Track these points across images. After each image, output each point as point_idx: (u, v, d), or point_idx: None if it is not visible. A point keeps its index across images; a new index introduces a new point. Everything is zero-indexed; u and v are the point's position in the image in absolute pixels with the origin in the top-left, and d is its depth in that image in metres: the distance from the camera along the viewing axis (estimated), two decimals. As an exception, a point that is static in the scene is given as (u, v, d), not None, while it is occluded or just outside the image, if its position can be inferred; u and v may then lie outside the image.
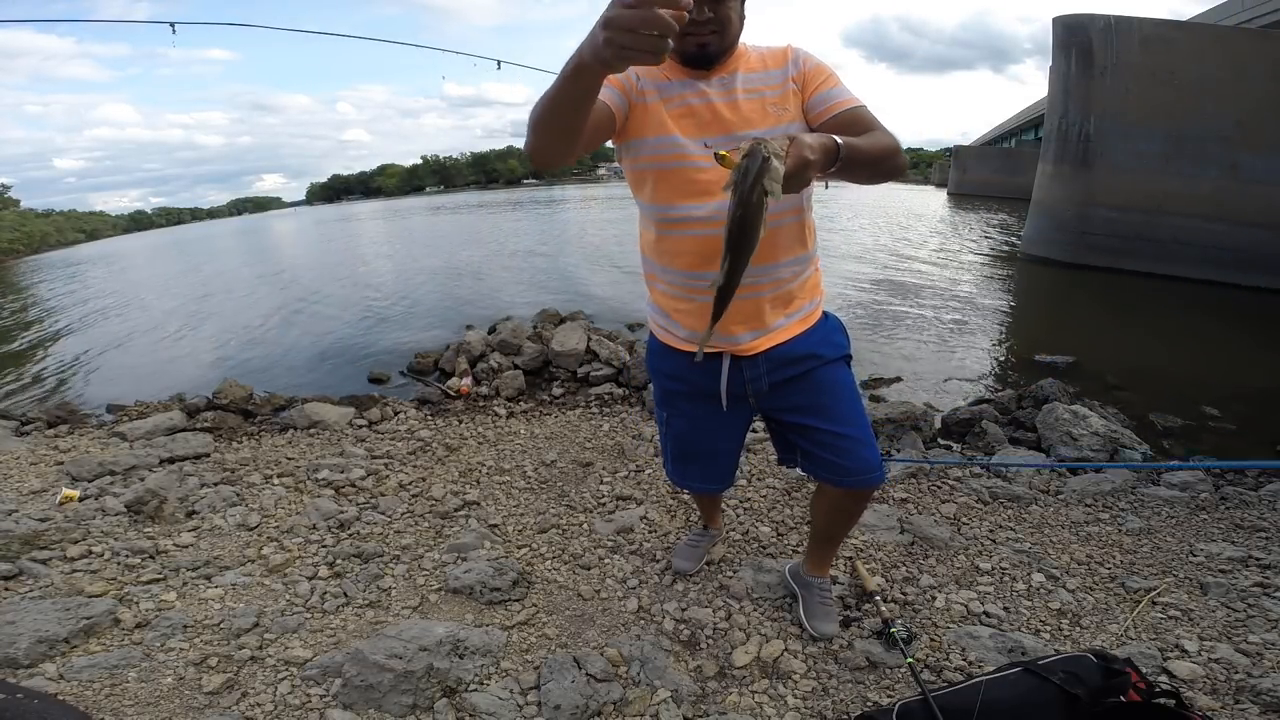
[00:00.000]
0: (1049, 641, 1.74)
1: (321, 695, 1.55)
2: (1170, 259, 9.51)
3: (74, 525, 2.37)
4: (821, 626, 1.74)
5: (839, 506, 1.59)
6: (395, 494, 2.67)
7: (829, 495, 1.57)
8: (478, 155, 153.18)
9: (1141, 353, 5.90)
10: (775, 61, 1.28)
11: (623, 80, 1.23)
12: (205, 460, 3.15)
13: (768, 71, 1.27)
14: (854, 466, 1.42)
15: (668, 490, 2.60)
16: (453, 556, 2.16)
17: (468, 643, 1.66)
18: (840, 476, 1.44)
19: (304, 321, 8.32)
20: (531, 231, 20.77)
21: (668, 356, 1.47)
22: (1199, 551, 2.21)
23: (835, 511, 1.62)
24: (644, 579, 2.03)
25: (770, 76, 1.27)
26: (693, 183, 1.25)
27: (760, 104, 1.26)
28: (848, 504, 1.57)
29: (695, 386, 1.46)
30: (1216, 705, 1.51)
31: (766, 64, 1.28)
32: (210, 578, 2.08)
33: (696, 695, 1.58)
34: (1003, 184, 29.15)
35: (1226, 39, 9.40)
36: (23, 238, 49.66)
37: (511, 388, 4.15)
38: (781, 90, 1.27)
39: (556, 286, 9.52)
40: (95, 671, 1.61)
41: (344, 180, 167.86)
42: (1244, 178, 9.01)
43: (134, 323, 9.64)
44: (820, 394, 1.42)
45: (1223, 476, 2.92)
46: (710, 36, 1.19)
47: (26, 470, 3.03)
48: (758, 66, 1.28)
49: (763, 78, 1.27)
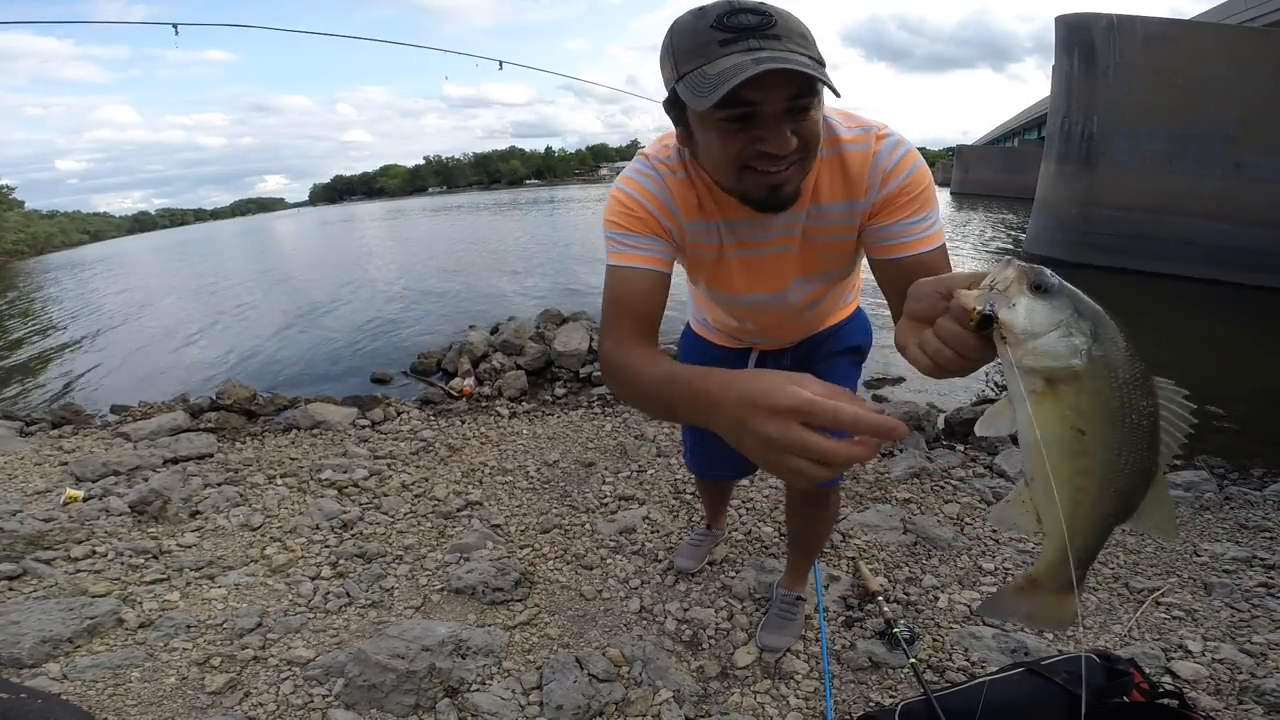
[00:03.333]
0: (1052, 642, 1.73)
1: (324, 695, 1.55)
2: (1174, 258, 9.49)
3: (78, 525, 2.37)
4: (767, 638, 1.71)
5: (794, 507, 1.61)
6: (398, 494, 2.68)
7: (788, 496, 1.60)
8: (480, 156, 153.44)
9: (1144, 353, 5.83)
10: (854, 185, 0.94)
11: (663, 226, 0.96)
12: (209, 460, 3.16)
13: (842, 203, 0.96)
14: None
15: (670, 490, 2.60)
16: (455, 556, 2.16)
17: (470, 643, 1.66)
18: None
19: (307, 322, 8.34)
20: (534, 231, 20.79)
21: (697, 347, 1.48)
22: (1203, 551, 2.20)
23: (793, 513, 1.64)
24: (646, 579, 2.03)
25: (843, 213, 0.97)
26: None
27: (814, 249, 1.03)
28: (804, 506, 1.58)
29: None
30: (1220, 706, 1.51)
31: (849, 189, 0.95)
32: (213, 578, 2.09)
33: (699, 695, 1.58)
34: (1005, 183, 29.11)
35: (1229, 38, 9.38)
36: (27, 239, 49.92)
37: (514, 388, 4.16)
38: (850, 233, 1.00)
39: (559, 287, 9.53)
40: (98, 671, 1.61)
41: (347, 181, 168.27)
42: (1248, 177, 8.98)
43: (137, 324, 9.67)
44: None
45: (1226, 476, 2.91)
46: (789, 172, 0.82)
47: (31, 470, 3.03)
48: (837, 194, 0.96)
49: (835, 213, 0.97)
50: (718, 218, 0.99)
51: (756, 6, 0.74)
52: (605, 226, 0.96)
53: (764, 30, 0.73)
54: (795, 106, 0.76)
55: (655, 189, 0.96)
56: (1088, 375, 0.41)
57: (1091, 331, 0.41)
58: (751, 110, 0.75)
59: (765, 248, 1.03)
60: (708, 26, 0.74)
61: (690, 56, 0.76)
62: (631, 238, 0.94)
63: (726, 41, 0.73)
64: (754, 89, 0.71)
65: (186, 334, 8.39)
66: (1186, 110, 9.31)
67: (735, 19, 0.73)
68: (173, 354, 7.27)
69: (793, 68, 0.70)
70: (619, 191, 0.97)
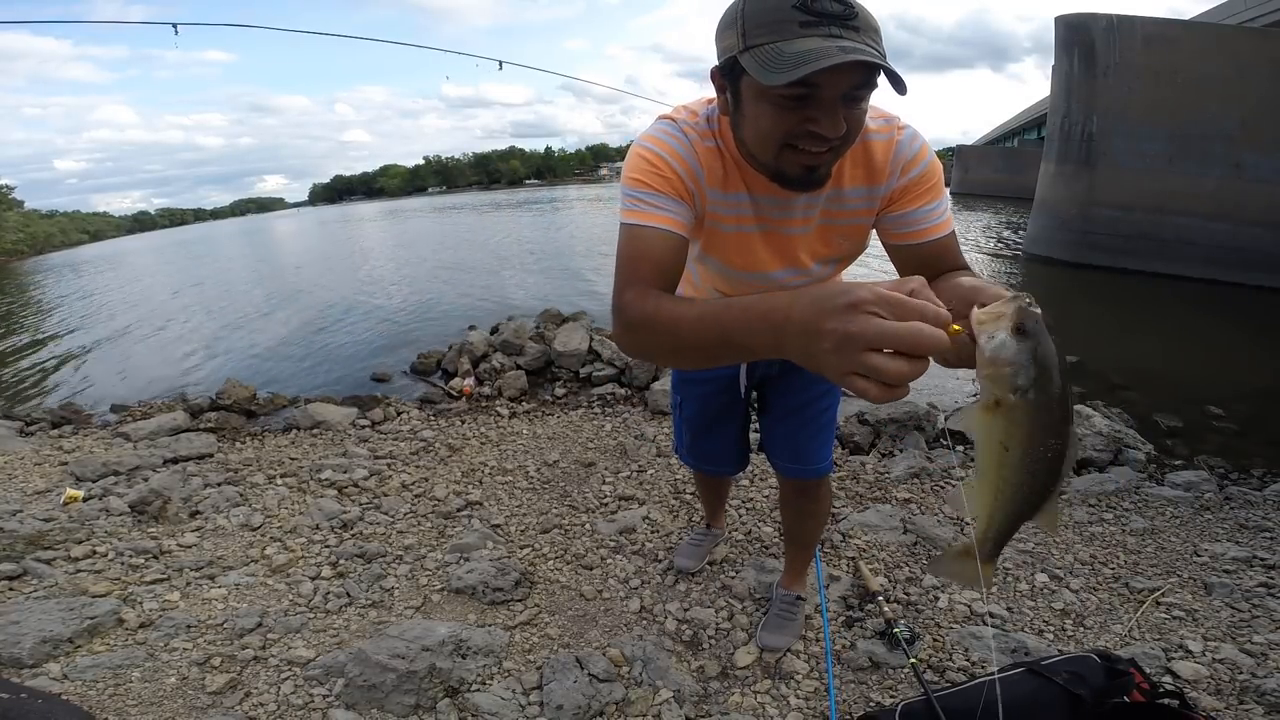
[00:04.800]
0: (1052, 642, 1.74)
1: (324, 695, 1.55)
2: (1173, 258, 9.48)
3: (78, 525, 2.37)
4: (767, 638, 1.72)
5: (786, 501, 1.65)
6: (398, 494, 2.68)
7: (781, 491, 1.64)
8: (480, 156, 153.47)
9: (1145, 352, 5.88)
10: (876, 171, 0.98)
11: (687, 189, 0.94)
12: (209, 460, 3.16)
13: (862, 188, 1.00)
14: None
15: (670, 490, 2.60)
16: (455, 556, 2.16)
17: (470, 643, 1.66)
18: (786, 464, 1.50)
19: (307, 322, 8.33)
20: (534, 231, 20.79)
21: None
22: (1203, 551, 2.20)
23: (786, 508, 1.67)
24: (646, 579, 2.03)
25: (863, 197, 1.01)
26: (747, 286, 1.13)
27: (830, 232, 1.05)
28: (795, 500, 1.61)
29: (713, 373, 1.47)
30: (1221, 706, 1.51)
31: (871, 175, 0.98)
32: (214, 578, 2.09)
33: (699, 695, 1.58)
34: (1005, 183, 29.10)
35: (1229, 38, 9.38)
36: (27, 238, 49.96)
37: (514, 388, 4.15)
38: (868, 216, 1.03)
39: (559, 286, 9.53)
40: (99, 671, 1.61)
41: (347, 181, 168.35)
42: (1248, 177, 8.98)
43: (137, 323, 9.66)
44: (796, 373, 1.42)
45: (1226, 476, 2.91)
46: (827, 155, 0.84)
47: (31, 471, 3.03)
48: (859, 180, 0.99)
49: (854, 198, 1.01)
50: (741, 190, 0.98)
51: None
52: (626, 184, 0.93)
53: (846, 20, 0.74)
54: (853, 95, 0.78)
55: (684, 151, 0.94)
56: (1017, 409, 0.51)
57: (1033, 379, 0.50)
58: (812, 92, 0.76)
59: (784, 225, 1.03)
60: (789, 5, 0.74)
61: (764, 31, 0.76)
62: (656, 197, 0.91)
63: (808, 24, 0.73)
64: (824, 73, 0.72)
65: (186, 334, 8.39)
66: (1186, 110, 9.30)
67: (819, 4, 0.73)
68: (172, 354, 7.26)
69: (876, 61, 0.72)
70: (644, 150, 0.94)
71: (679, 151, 0.94)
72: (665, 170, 0.92)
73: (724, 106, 0.89)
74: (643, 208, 0.90)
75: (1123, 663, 1.30)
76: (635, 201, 0.91)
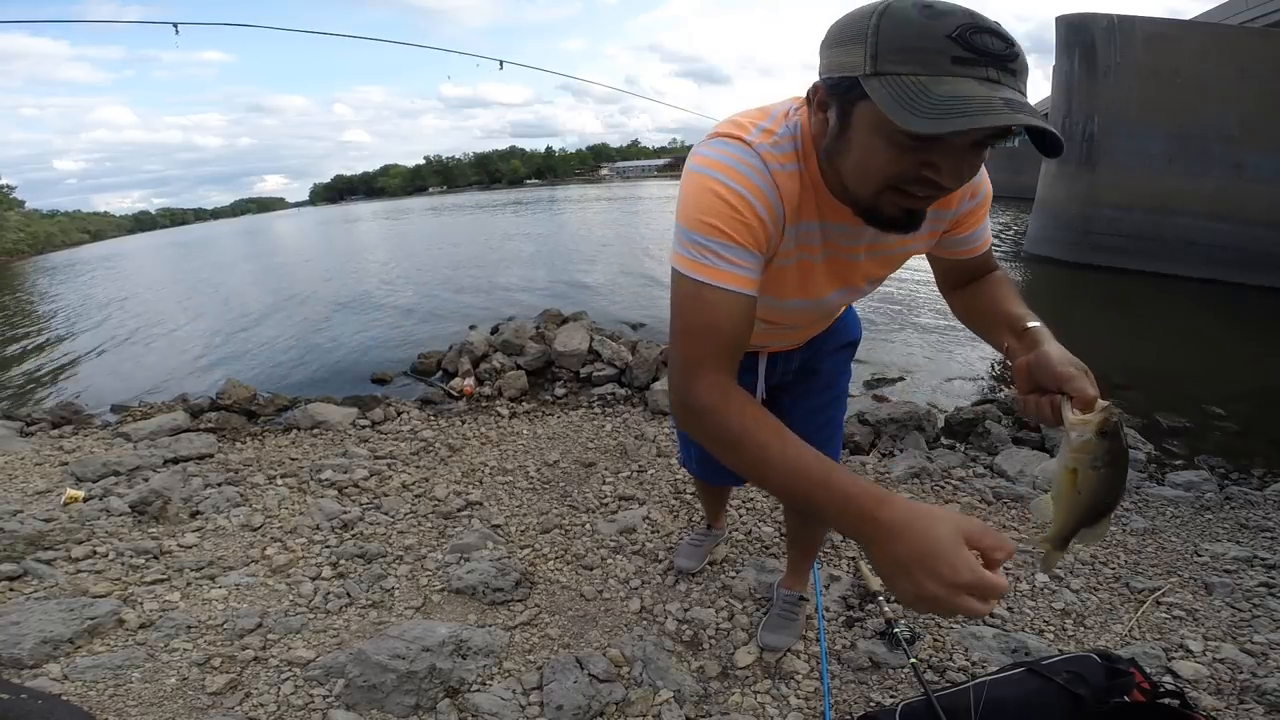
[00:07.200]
0: (1052, 642, 1.74)
1: (324, 696, 1.55)
2: (1174, 258, 9.49)
3: (78, 526, 2.37)
4: (768, 638, 1.71)
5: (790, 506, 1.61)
6: (398, 494, 2.68)
7: None
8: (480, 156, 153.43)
9: (1146, 352, 5.88)
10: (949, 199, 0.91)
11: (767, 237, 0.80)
12: (209, 461, 3.16)
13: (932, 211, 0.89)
14: None
15: (670, 490, 2.60)
16: (455, 557, 2.16)
17: (470, 643, 1.66)
18: None
19: (307, 322, 8.34)
20: (534, 231, 20.79)
21: None
22: (1204, 551, 2.20)
23: (790, 512, 1.65)
24: (646, 579, 2.03)
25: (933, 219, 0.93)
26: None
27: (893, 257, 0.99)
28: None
29: None
30: (1221, 705, 1.51)
31: (944, 200, 0.89)
32: (214, 578, 2.09)
33: (699, 696, 1.58)
34: (1006, 183, 29.01)
35: (1229, 38, 9.39)
36: (28, 238, 49.98)
37: (514, 388, 4.16)
38: (930, 240, 0.98)
39: (559, 287, 9.53)
40: (99, 672, 1.61)
41: (347, 181, 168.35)
42: (1248, 177, 8.98)
43: (137, 323, 9.67)
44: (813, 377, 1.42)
45: (1227, 476, 2.91)
46: (925, 201, 0.74)
47: (31, 471, 3.03)
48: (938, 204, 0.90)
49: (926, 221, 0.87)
50: (814, 218, 0.85)
51: (1000, 30, 0.63)
52: (694, 227, 0.76)
53: (1006, 62, 0.63)
54: (984, 143, 0.69)
55: (767, 188, 0.78)
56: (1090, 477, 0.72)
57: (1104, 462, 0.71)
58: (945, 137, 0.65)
59: (848, 252, 0.93)
60: (943, 35, 0.62)
61: (904, 58, 0.63)
62: (732, 250, 0.76)
63: (962, 60, 0.62)
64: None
65: (186, 334, 8.40)
66: (1186, 110, 9.31)
67: (980, 39, 0.62)
68: (172, 354, 7.26)
69: (1045, 127, 0.62)
70: (718, 185, 0.76)
71: (763, 190, 0.78)
72: (748, 216, 0.76)
73: (820, 128, 0.76)
74: (716, 263, 0.76)
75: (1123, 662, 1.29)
76: (706, 253, 0.76)
